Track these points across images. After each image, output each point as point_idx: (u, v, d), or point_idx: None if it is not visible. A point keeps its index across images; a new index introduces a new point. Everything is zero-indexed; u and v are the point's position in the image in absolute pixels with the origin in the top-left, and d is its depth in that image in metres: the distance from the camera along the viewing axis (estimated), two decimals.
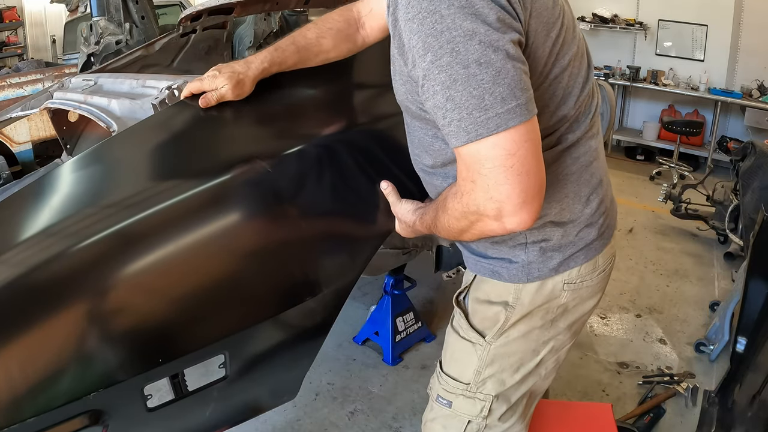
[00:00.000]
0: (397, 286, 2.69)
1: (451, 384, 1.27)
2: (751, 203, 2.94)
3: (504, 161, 0.87)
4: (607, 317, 3.09)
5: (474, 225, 0.97)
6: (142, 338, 1.13)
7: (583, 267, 1.16)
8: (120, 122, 1.66)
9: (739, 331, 2.06)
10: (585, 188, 1.13)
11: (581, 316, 1.24)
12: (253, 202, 1.32)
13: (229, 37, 3.15)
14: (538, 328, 1.20)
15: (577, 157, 1.11)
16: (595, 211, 1.14)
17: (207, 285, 1.21)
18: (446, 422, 1.29)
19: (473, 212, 0.94)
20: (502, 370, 1.22)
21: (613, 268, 1.26)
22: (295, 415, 2.33)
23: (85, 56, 3.14)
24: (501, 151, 0.87)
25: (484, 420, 1.24)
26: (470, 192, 0.92)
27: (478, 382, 1.23)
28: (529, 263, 1.14)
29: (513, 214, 0.90)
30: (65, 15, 6.13)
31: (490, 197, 0.90)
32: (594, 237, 1.15)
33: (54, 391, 1.03)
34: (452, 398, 1.27)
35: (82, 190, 1.38)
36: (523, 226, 0.92)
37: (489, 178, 0.88)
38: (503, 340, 1.20)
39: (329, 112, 1.64)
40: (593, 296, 1.23)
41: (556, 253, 1.13)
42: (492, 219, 0.92)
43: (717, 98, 5.45)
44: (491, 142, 0.87)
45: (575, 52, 1.06)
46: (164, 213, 1.21)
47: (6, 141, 2.47)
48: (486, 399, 1.23)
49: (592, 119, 1.13)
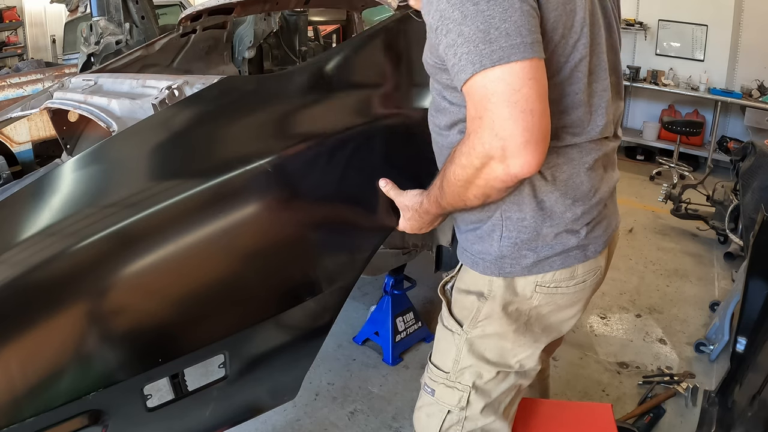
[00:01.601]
0: (397, 286, 2.69)
1: (434, 372, 1.30)
2: (751, 203, 2.94)
3: (508, 96, 0.89)
4: (607, 317, 3.09)
5: (480, 172, 0.97)
6: (142, 338, 1.13)
7: (558, 273, 1.15)
8: (120, 122, 1.66)
9: (739, 331, 2.06)
10: (572, 191, 1.12)
11: (559, 323, 1.24)
12: (253, 203, 1.32)
13: (229, 37, 3.16)
14: (513, 331, 1.21)
15: (571, 159, 1.11)
16: (577, 219, 1.13)
17: (207, 285, 1.22)
18: (429, 410, 1.32)
19: (480, 154, 0.94)
20: (480, 363, 1.24)
21: (597, 284, 1.24)
22: (295, 415, 2.33)
23: (85, 56, 3.14)
24: (505, 86, 0.90)
25: (463, 411, 1.26)
26: (477, 130, 0.93)
27: (456, 371, 1.26)
28: (502, 257, 1.15)
29: (517, 155, 0.91)
30: (65, 15, 6.13)
31: (496, 134, 0.91)
32: (573, 245, 1.14)
33: (53, 391, 1.03)
34: (435, 386, 1.30)
35: (82, 189, 1.38)
36: (527, 169, 0.93)
37: (494, 113, 0.91)
38: (479, 332, 1.22)
39: (329, 113, 1.64)
40: (571, 306, 1.22)
41: (531, 253, 1.13)
42: (498, 161, 0.93)
43: (717, 98, 5.45)
44: (496, 74, 0.90)
45: (590, 43, 1.06)
46: (164, 213, 1.21)
47: (6, 141, 2.47)
48: (464, 390, 1.25)
49: (603, 129, 1.12)
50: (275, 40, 3.95)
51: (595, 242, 1.17)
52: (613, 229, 1.24)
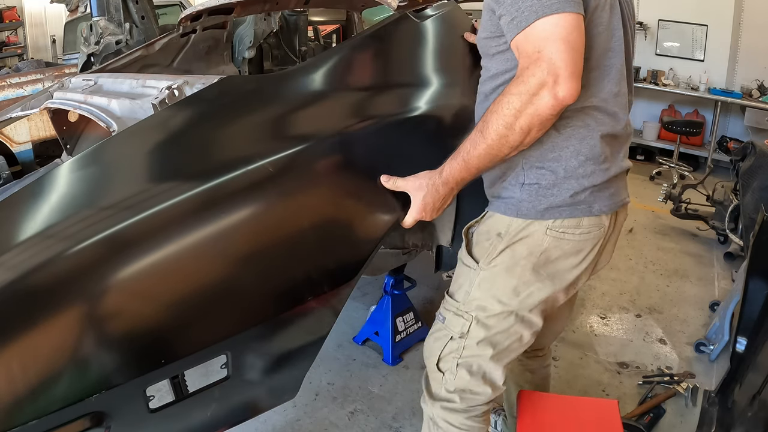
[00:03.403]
0: (397, 286, 2.69)
1: (449, 302, 1.49)
2: (751, 203, 2.94)
3: (564, 36, 1.14)
4: (607, 317, 3.09)
5: (532, 99, 1.16)
6: (145, 339, 1.13)
7: (566, 221, 1.34)
8: (120, 122, 1.66)
9: (739, 331, 2.06)
10: (586, 150, 1.31)
11: (563, 272, 1.39)
12: (254, 203, 1.32)
13: (229, 37, 3.16)
14: (521, 268, 1.38)
15: (587, 125, 1.31)
16: (587, 176, 1.32)
17: (210, 286, 1.21)
18: (438, 335, 1.51)
19: (536, 82, 1.15)
20: (487, 297, 1.41)
21: (601, 237, 1.40)
22: (295, 415, 2.33)
23: (85, 56, 3.14)
24: (560, 29, 1.14)
25: (462, 339, 1.44)
26: (536, 62, 1.15)
27: (466, 302, 1.44)
28: (521, 200, 1.35)
29: (566, 81, 1.14)
30: (65, 15, 6.12)
31: (553, 63, 1.14)
32: (581, 199, 1.33)
33: (56, 394, 1.03)
34: (446, 314, 1.49)
35: (82, 190, 1.38)
36: (571, 94, 1.15)
37: (553, 47, 1.14)
38: (490, 269, 1.40)
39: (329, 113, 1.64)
40: (575, 254, 1.38)
41: (544, 199, 1.33)
42: (548, 89, 1.14)
43: (717, 98, 5.45)
44: (554, 20, 1.14)
45: (611, 26, 1.31)
46: (165, 213, 1.21)
47: (6, 141, 2.47)
48: (468, 319, 1.43)
49: (613, 98, 1.34)
50: (275, 40, 3.95)
51: (601, 202, 1.35)
52: (621, 202, 1.42)
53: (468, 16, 2.11)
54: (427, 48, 1.93)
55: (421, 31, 1.92)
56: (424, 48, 1.93)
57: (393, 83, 1.81)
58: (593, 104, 1.31)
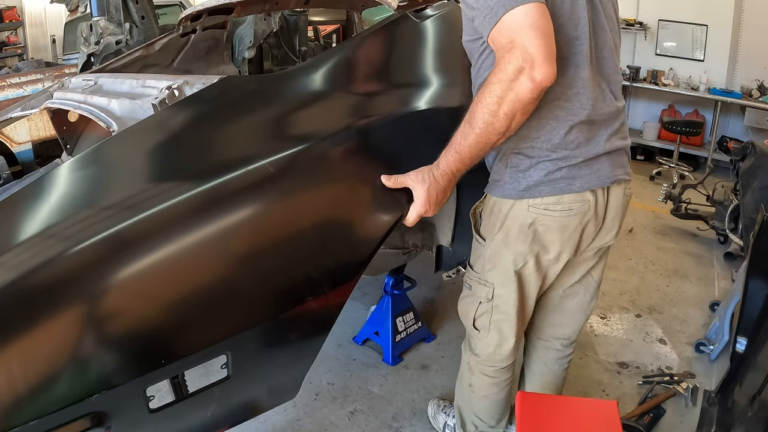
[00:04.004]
0: (397, 286, 2.69)
1: (471, 272, 1.72)
2: (751, 203, 2.94)
3: (533, 23, 1.23)
4: (607, 317, 3.09)
5: (512, 86, 1.25)
6: (146, 339, 1.13)
7: (546, 198, 1.48)
8: (120, 122, 1.66)
9: (739, 331, 2.06)
10: (556, 139, 1.44)
11: (549, 243, 1.55)
12: (254, 203, 1.32)
13: (229, 37, 3.16)
14: (513, 240, 1.56)
15: (557, 116, 1.42)
16: (561, 159, 1.45)
17: (211, 286, 1.21)
18: (469, 300, 1.75)
19: (513, 69, 1.23)
20: (497, 268, 1.62)
21: (587, 212, 1.52)
22: (295, 415, 2.33)
23: (85, 56, 3.14)
24: (529, 18, 1.23)
25: (489, 303, 1.68)
26: (510, 50, 1.24)
27: (484, 272, 1.66)
28: (505, 182, 1.52)
29: (541, 65, 1.22)
30: (65, 15, 6.12)
31: (526, 50, 1.22)
32: (558, 177, 1.46)
33: (56, 394, 1.03)
34: (471, 283, 1.72)
35: (82, 190, 1.38)
36: (548, 77, 1.23)
37: (525, 35, 1.23)
38: (494, 244, 1.61)
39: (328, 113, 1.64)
40: (560, 231, 1.53)
41: (523, 180, 1.48)
42: (526, 74, 1.22)
43: (717, 98, 5.45)
44: (522, 10, 1.23)
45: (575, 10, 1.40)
46: (166, 213, 1.21)
47: (6, 141, 2.47)
48: (490, 286, 1.66)
49: (592, 80, 1.43)
50: (275, 40, 3.95)
51: (582, 179, 1.47)
52: (613, 179, 1.53)
53: None
54: (427, 48, 1.93)
55: (421, 31, 1.92)
56: (424, 48, 1.93)
57: (393, 83, 1.81)
58: (563, 94, 1.41)
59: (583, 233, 1.56)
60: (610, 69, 1.51)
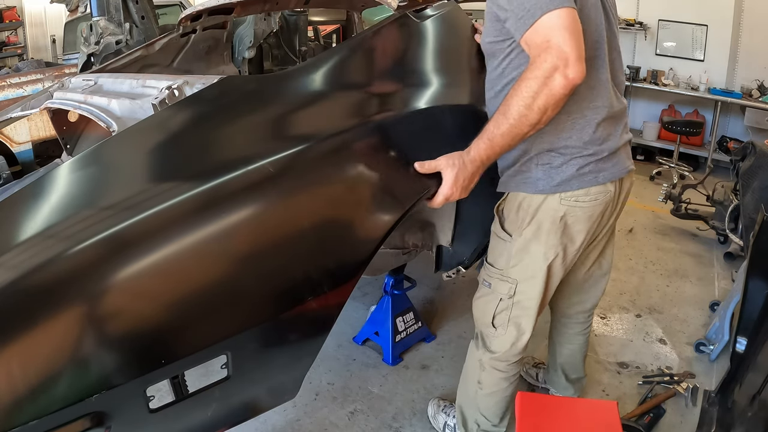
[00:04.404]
0: (397, 286, 2.69)
1: (491, 270, 1.77)
2: (751, 203, 2.94)
3: (567, 26, 1.34)
4: (607, 317, 3.10)
5: (546, 82, 1.35)
6: (146, 339, 1.13)
7: (576, 191, 1.60)
8: (120, 122, 1.66)
9: (739, 331, 2.06)
10: (586, 137, 1.56)
11: (575, 233, 1.66)
12: (254, 203, 1.32)
13: (229, 37, 3.16)
14: (545, 233, 1.64)
15: (585, 116, 1.54)
16: (591, 154, 1.58)
17: (210, 286, 1.21)
18: (487, 298, 1.80)
19: (548, 66, 1.34)
20: (523, 263, 1.69)
21: (607, 205, 1.66)
22: (295, 415, 2.33)
23: (85, 56, 3.14)
24: (563, 20, 1.35)
25: (510, 299, 1.74)
26: (546, 50, 1.35)
27: (507, 269, 1.72)
28: (538, 179, 1.61)
29: (574, 63, 1.33)
30: (65, 15, 6.12)
31: (562, 50, 1.33)
32: (586, 171, 1.58)
33: (56, 394, 1.03)
34: (491, 280, 1.77)
35: (83, 190, 1.38)
36: (579, 75, 1.34)
37: (560, 36, 1.34)
38: (523, 240, 1.68)
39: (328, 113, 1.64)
40: (587, 220, 1.65)
41: (556, 176, 1.59)
42: (559, 72, 1.33)
43: (717, 98, 5.44)
44: (556, 13, 1.35)
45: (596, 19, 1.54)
46: (166, 214, 1.21)
47: (6, 141, 2.47)
48: (513, 282, 1.72)
49: (609, 81, 1.58)
50: (275, 40, 3.95)
51: (605, 172, 1.61)
52: (626, 170, 1.67)
53: (468, 16, 2.12)
54: (426, 48, 1.93)
55: (421, 31, 1.92)
56: (423, 48, 1.93)
57: (393, 83, 1.81)
58: (589, 94, 1.54)
59: (601, 220, 1.70)
60: (618, 70, 1.66)
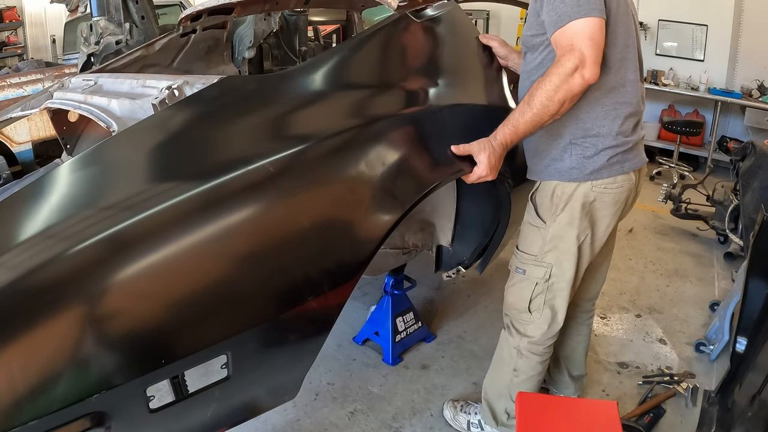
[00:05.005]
0: (397, 286, 2.69)
1: (524, 257, 1.88)
2: (751, 203, 2.94)
3: (590, 35, 1.55)
4: (607, 317, 3.09)
5: (568, 78, 1.55)
6: (145, 340, 1.13)
7: (606, 179, 1.75)
8: (120, 122, 1.66)
9: (739, 331, 2.06)
10: (616, 128, 1.71)
11: (601, 218, 1.81)
12: (254, 203, 1.32)
13: (229, 37, 3.16)
14: (578, 218, 1.78)
15: (614, 109, 1.70)
16: (618, 145, 1.73)
17: (210, 286, 1.21)
18: (522, 285, 1.90)
19: (570, 65, 1.54)
20: (557, 247, 1.81)
21: (630, 192, 1.82)
22: (295, 415, 2.33)
23: (85, 56, 3.14)
24: (588, 29, 1.55)
25: (546, 283, 1.85)
26: (570, 52, 1.55)
27: (542, 254, 1.84)
28: (571, 168, 1.76)
29: (591, 66, 1.54)
30: (65, 15, 6.12)
31: (582, 53, 1.54)
32: (615, 161, 1.74)
33: (56, 394, 1.03)
34: (525, 267, 1.88)
35: (82, 190, 1.38)
36: (594, 77, 1.55)
37: (582, 42, 1.54)
38: (557, 225, 1.80)
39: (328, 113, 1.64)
40: (612, 204, 1.80)
41: (589, 165, 1.74)
42: (578, 71, 1.54)
43: (717, 98, 5.44)
44: (583, 22, 1.54)
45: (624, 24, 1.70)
46: (166, 214, 1.21)
47: (6, 141, 2.47)
48: (547, 266, 1.84)
49: (631, 84, 1.72)
50: (275, 40, 3.95)
51: (629, 162, 1.77)
52: (643, 161, 1.83)
53: (468, 16, 2.12)
54: (427, 48, 1.93)
55: (420, 31, 1.92)
56: (424, 48, 1.93)
57: (393, 83, 1.81)
58: (620, 90, 1.70)
59: (625, 206, 1.85)
60: (639, 71, 1.80)
